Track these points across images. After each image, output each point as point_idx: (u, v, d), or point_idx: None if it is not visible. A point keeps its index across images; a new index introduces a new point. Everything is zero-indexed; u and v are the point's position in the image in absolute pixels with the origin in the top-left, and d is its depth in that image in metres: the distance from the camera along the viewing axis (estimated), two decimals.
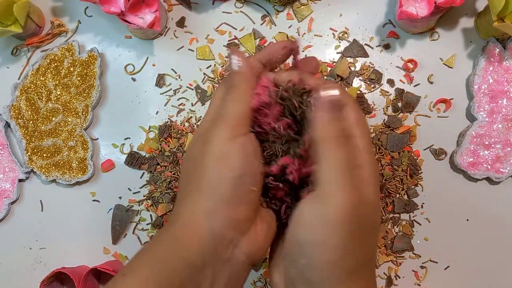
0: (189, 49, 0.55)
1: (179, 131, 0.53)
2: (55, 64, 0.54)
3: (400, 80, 0.52)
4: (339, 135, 0.28)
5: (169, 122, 0.53)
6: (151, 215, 0.53)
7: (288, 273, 0.30)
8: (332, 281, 0.28)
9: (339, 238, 0.27)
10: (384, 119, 0.52)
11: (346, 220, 0.27)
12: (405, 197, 0.51)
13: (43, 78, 0.54)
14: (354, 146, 0.30)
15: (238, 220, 0.29)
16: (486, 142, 0.49)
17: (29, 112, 0.54)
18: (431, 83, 0.52)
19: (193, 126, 0.53)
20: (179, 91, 0.54)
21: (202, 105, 0.54)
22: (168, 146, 0.52)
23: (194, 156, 0.31)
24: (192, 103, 0.54)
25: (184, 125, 0.53)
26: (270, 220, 0.32)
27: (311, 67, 0.35)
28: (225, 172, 0.29)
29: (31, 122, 0.54)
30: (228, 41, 0.55)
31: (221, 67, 0.54)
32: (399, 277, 0.50)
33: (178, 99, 0.54)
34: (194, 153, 0.31)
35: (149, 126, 0.54)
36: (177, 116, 0.54)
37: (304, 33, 0.54)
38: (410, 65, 0.52)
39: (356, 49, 0.53)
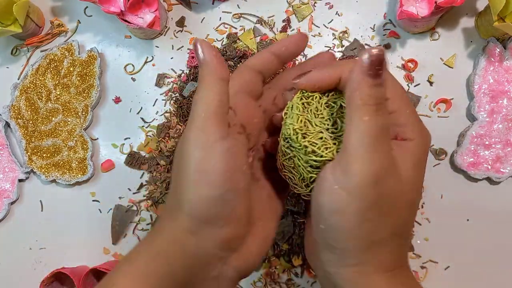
0: (188, 49, 0.55)
1: (177, 131, 0.53)
2: (55, 64, 0.54)
3: (401, 80, 0.52)
4: (376, 102, 0.26)
5: (166, 122, 0.53)
6: (151, 215, 0.53)
7: (314, 234, 0.29)
8: (350, 249, 0.27)
9: (356, 207, 0.25)
10: None
11: (365, 190, 0.25)
12: None
13: (42, 78, 0.54)
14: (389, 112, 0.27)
15: (226, 240, 0.27)
16: (487, 142, 0.49)
17: (29, 112, 0.54)
18: (431, 83, 0.52)
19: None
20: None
21: None
22: (166, 146, 0.52)
23: (176, 162, 0.29)
24: None
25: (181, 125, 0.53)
26: (265, 234, 0.30)
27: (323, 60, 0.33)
28: (203, 191, 0.26)
29: (31, 122, 0.54)
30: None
31: None
32: None
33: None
34: (176, 159, 0.29)
35: (149, 126, 0.54)
36: (176, 116, 0.54)
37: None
38: (411, 65, 0.52)
39: (357, 49, 0.53)
